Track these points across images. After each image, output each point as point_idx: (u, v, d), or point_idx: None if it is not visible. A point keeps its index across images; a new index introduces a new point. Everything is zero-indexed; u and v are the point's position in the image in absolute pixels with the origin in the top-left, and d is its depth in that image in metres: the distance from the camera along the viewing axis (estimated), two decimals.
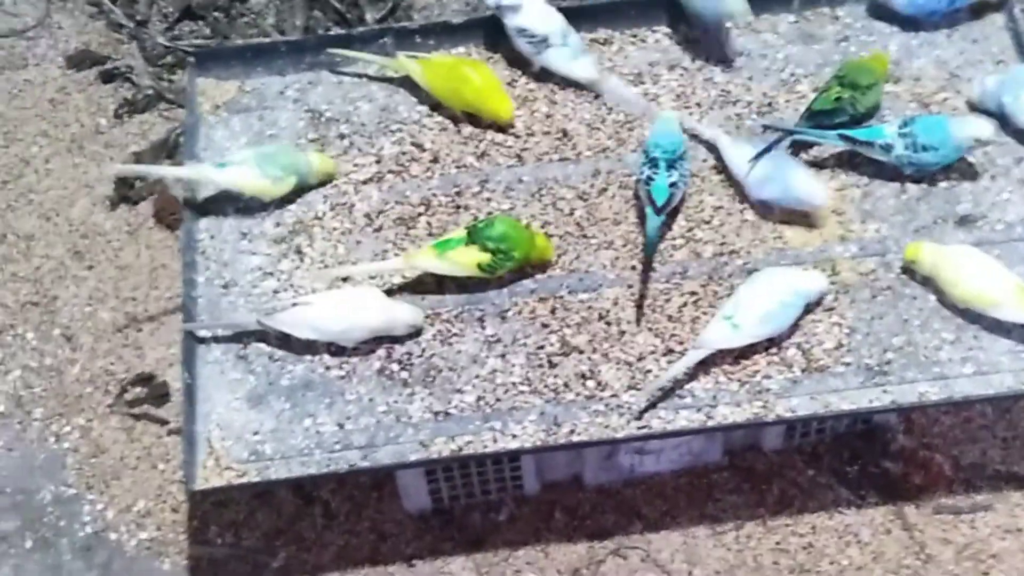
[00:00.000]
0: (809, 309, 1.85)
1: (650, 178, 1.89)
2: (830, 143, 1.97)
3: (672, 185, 1.89)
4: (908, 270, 1.88)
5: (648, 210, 1.89)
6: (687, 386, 1.81)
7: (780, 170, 1.94)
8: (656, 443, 2.01)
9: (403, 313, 1.85)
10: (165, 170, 2.24)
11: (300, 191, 2.00)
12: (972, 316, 1.84)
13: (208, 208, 2.01)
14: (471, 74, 2.03)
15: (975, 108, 2.02)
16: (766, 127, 2.00)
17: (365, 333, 1.85)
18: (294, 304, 1.85)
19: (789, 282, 1.83)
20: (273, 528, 2.08)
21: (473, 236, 1.87)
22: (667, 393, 1.80)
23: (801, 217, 1.94)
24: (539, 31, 2.05)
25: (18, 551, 2.08)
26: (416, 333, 1.87)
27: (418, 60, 2.06)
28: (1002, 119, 2.00)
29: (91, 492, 2.13)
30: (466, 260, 1.87)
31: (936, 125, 1.94)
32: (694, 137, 2.01)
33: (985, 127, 1.93)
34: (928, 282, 1.87)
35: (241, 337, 1.88)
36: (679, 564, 2.02)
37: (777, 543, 2.04)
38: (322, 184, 2.02)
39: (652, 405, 1.80)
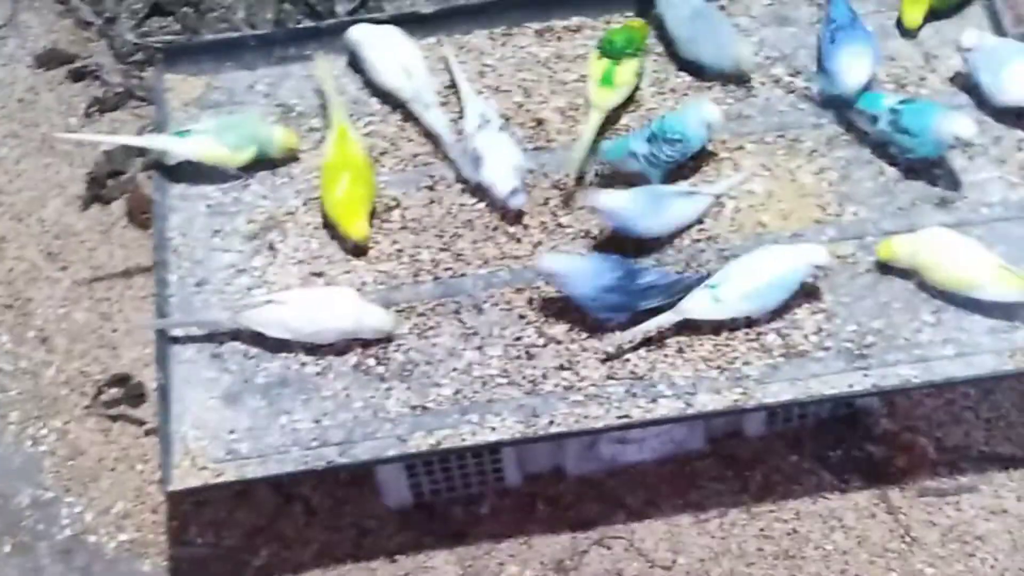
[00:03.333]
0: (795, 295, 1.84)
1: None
2: None
3: (632, 154, 1.90)
4: (884, 267, 1.87)
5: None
6: (666, 374, 1.80)
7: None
8: (637, 432, 1.99)
9: (374, 318, 1.83)
10: (122, 139, 2.20)
11: (264, 169, 1.99)
12: (952, 298, 1.83)
13: (180, 206, 1.98)
14: (342, 181, 1.92)
15: (951, 88, 2.01)
16: None
17: (336, 335, 1.83)
18: (267, 302, 1.84)
19: (780, 263, 1.81)
20: (254, 526, 2.06)
21: (610, 53, 1.99)
22: (646, 382, 1.79)
23: (777, 200, 1.93)
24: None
25: None
26: (387, 339, 1.85)
27: (340, 127, 1.97)
28: (980, 97, 1.99)
29: (69, 495, 2.11)
30: (628, 75, 1.99)
31: (922, 111, 1.90)
32: None
33: (968, 126, 1.87)
34: (908, 273, 1.86)
35: (215, 335, 1.86)
36: (663, 553, 2.01)
37: (761, 529, 2.02)
38: (285, 160, 2.00)
39: (616, 359, 1.80)
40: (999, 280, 1.79)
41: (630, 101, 2.04)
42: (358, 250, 1.92)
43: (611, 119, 2.01)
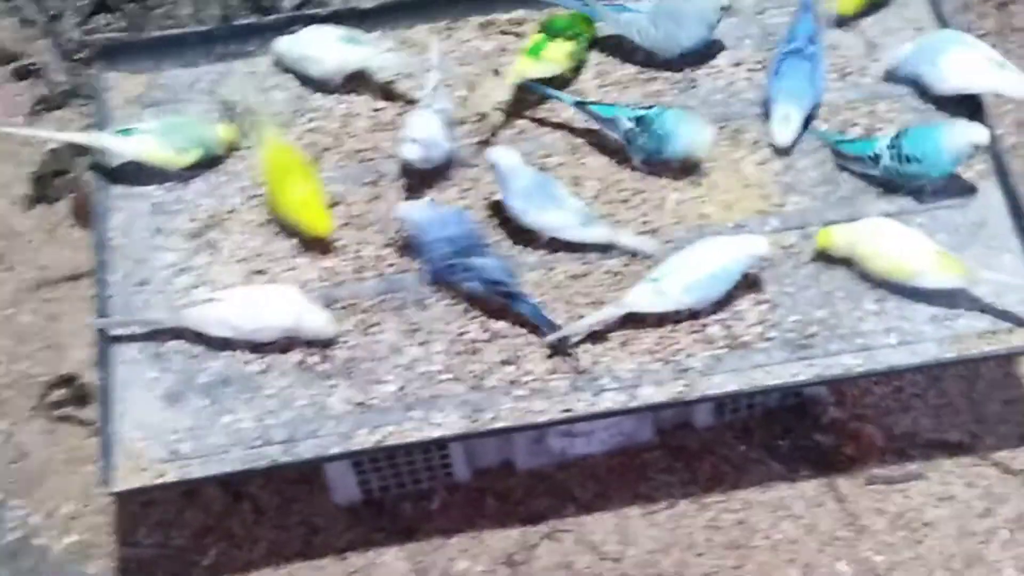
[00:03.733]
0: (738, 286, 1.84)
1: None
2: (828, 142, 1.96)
3: (609, 118, 1.93)
4: (823, 256, 1.87)
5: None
6: (610, 367, 1.80)
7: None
8: (586, 425, 1.99)
9: (314, 320, 1.82)
10: (63, 135, 2.18)
11: (206, 168, 1.98)
12: (894, 287, 1.84)
13: (120, 205, 1.97)
14: (295, 183, 1.91)
15: (890, 79, 2.01)
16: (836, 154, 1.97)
17: (277, 333, 1.82)
18: (209, 300, 1.82)
19: (722, 255, 1.81)
20: (202, 526, 2.05)
21: (549, 30, 2.02)
22: (590, 375, 1.79)
23: (721, 191, 1.93)
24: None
25: None
26: (326, 348, 1.83)
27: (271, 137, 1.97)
28: (920, 88, 1.99)
29: (15, 498, 2.09)
30: (559, 55, 2.01)
31: (923, 135, 1.88)
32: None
33: (982, 133, 1.85)
34: (846, 263, 1.86)
35: (157, 335, 1.85)
36: (613, 545, 2.01)
37: (710, 520, 2.03)
38: (227, 163, 1.99)
39: (560, 354, 1.80)
40: (939, 267, 1.80)
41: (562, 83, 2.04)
42: (324, 246, 1.91)
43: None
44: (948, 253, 1.81)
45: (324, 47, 2.04)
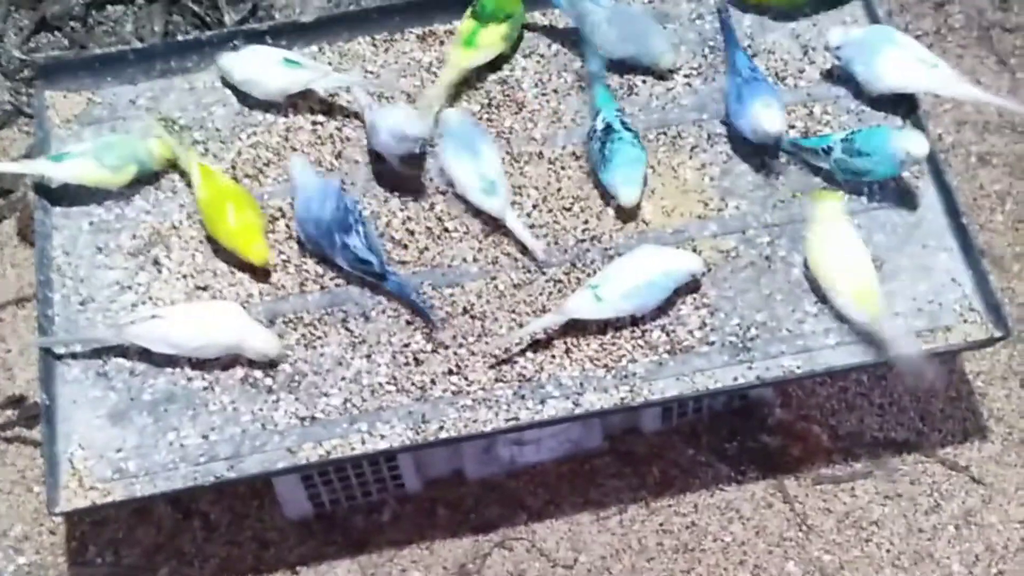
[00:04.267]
0: (679, 291, 1.85)
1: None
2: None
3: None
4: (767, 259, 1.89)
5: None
6: (554, 375, 1.81)
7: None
8: (534, 433, 2.00)
9: (258, 339, 1.82)
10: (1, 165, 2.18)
11: (147, 184, 1.99)
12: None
13: (62, 224, 1.97)
14: (229, 212, 1.90)
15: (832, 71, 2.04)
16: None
17: (220, 350, 1.82)
18: (152, 317, 1.82)
19: (659, 261, 1.83)
20: (153, 544, 2.04)
21: (479, 16, 2.04)
22: (534, 383, 1.80)
23: (660, 197, 1.95)
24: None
25: None
26: (271, 363, 1.83)
27: (200, 167, 1.94)
28: (856, 88, 2.01)
29: None
30: (494, 38, 2.04)
31: (875, 133, 1.91)
32: None
33: (921, 144, 1.87)
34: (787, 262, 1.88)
35: (101, 353, 1.85)
36: (565, 552, 2.02)
37: (660, 524, 2.04)
38: (165, 169, 1.99)
39: (503, 362, 1.81)
40: (855, 300, 1.80)
41: (495, 68, 2.07)
42: (264, 272, 1.91)
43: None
44: (872, 290, 1.81)
45: (265, 70, 2.04)
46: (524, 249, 1.90)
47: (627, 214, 1.93)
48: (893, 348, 1.78)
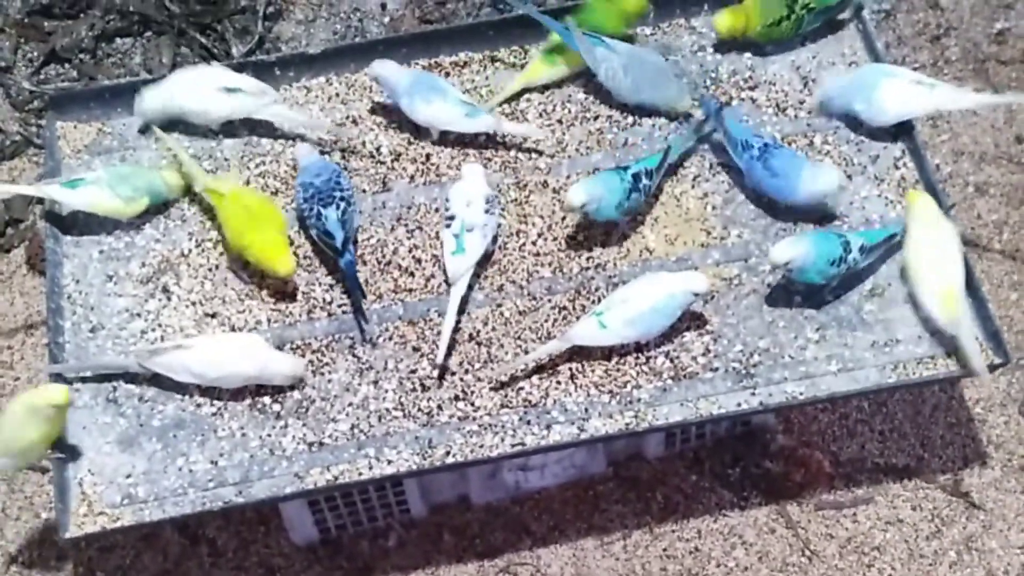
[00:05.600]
0: (682, 318, 1.88)
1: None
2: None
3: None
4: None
5: None
6: (559, 400, 1.83)
7: None
8: (539, 458, 2.02)
9: (284, 365, 1.84)
10: (11, 188, 2.18)
11: (158, 209, 2.01)
12: (835, 315, 1.88)
13: (73, 252, 1.99)
14: (256, 225, 1.92)
15: (823, 112, 2.06)
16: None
17: (241, 380, 1.83)
18: (176, 347, 1.84)
19: (662, 286, 1.85)
20: (160, 570, 2.06)
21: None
22: (540, 409, 1.82)
23: (663, 225, 1.97)
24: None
25: None
26: (298, 383, 1.86)
27: (214, 194, 1.96)
28: (854, 122, 2.04)
29: None
30: (574, 58, 2.08)
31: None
32: None
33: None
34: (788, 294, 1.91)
35: (110, 379, 1.87)
36: None
37: (664, 549, 2.05)
38: (177, 198, 2.02)
39: (509, 388, 1.83)
40: (941, 302, 1.83)
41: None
42: (285, 292, 1.93)
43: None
44: (957, 293, 1.84)
45: (203, 97, 2.05)
46: (529, 276, 1.93)
47: (632, 242, 1.96)
48: (968, 356, 1.82)
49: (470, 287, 1.91)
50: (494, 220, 1.93)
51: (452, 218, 1.92)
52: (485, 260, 1.94)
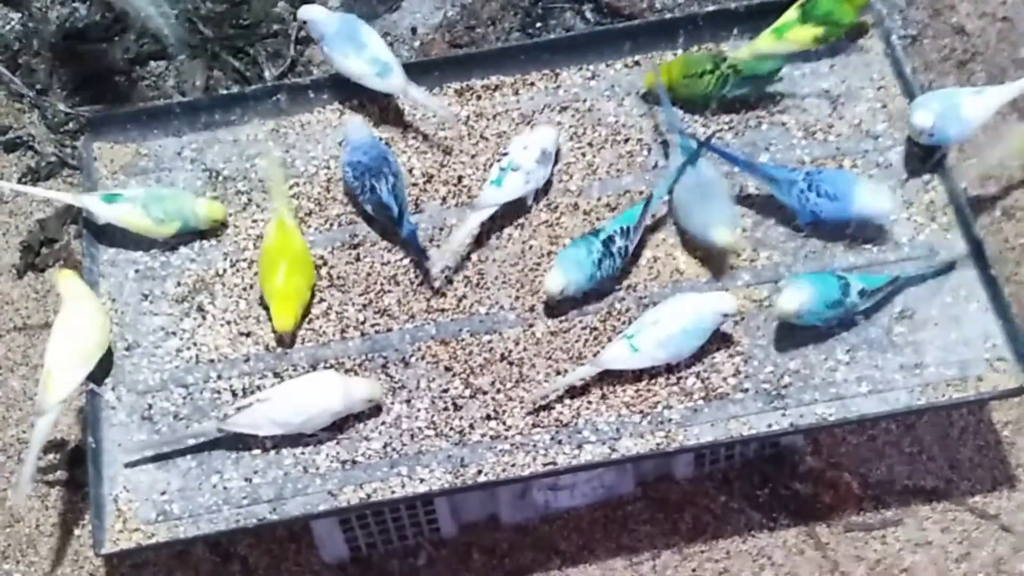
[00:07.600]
0: (712, 339, 1.89)
1: None
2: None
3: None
4: None
5: None
6: (590, 420, 1.84)
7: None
8: (568, 478, 2.03)
9: (362, 391, 1.84)
10: (50, 194, 2.21)
11: (193, 236, 2.03)
12: (866, 336, 1.90)
13: (109, 271, 2.02)
14: (279, 270, 1.94)
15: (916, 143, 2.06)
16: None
17: (328, 418, 1.83)
18: (254, 402, 1.83)
19: (692, 309, 1.86)
20: None
21: (806, 13, 2.10)
22: (571, 429, 1.83)
23: (693, 247, 1.99)
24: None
25: None
26: (376, 409, 1.87)
27: (280, 218, 1.98)
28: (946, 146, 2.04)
29: (7, 562, 2.11)
30: (803, 36, 2.11)
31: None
32: None
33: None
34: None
35: (145, 396, 1.89)
36: None
37: (693, 570, 2.06)
38: (213, 230, 2.04)
39: (541, 408, 1.85)
40: None
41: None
42: (280, 340, 1.94)
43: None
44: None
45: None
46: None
47: (662, 263, 1.97)
48: None
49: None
50: (542, 172, 2.01)
51: (505, 155, 2.01)
52: (519, 210, 2.02)
